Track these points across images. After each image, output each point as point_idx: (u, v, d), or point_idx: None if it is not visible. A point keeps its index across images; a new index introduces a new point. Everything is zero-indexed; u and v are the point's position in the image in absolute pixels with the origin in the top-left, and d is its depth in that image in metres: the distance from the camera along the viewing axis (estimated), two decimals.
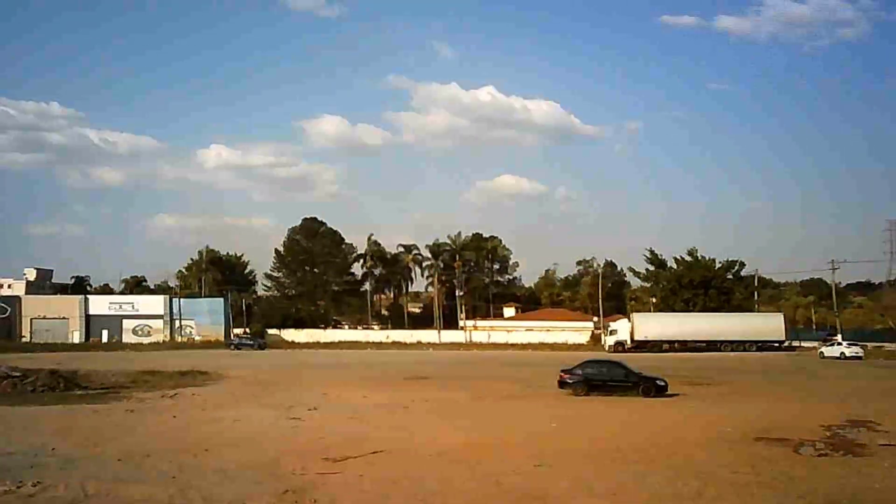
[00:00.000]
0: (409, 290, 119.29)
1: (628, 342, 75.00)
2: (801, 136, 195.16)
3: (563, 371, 30.41)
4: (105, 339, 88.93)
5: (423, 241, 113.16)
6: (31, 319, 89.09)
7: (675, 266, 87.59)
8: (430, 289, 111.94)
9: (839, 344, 62.14)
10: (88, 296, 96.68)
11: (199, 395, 30.11)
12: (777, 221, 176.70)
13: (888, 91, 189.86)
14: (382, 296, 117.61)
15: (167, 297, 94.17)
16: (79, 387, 32.48)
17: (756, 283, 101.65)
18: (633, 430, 20.63)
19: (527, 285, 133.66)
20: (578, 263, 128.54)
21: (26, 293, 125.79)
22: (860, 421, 22.05)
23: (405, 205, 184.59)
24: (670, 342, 74.70)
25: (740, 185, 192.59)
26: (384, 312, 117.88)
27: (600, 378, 29.66)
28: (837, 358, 59.36)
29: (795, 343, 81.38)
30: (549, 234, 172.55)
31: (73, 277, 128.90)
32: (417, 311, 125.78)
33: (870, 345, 72.33)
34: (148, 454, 16.29)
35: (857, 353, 59.71)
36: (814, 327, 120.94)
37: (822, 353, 62.21)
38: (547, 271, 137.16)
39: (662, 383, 29.54)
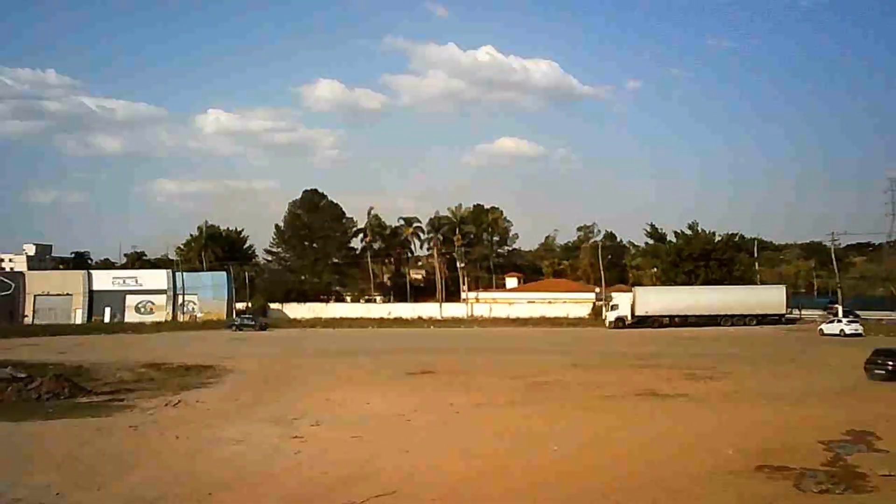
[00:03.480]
0: (411, 259, 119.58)
1: (629, 317, 75.25)
2: (798, 94, 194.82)
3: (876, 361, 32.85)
4: (108, 317, 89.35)
5: (426, 203, 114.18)
6: (35, 296, 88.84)
7: (674, 240, 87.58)
8: (431, 260, 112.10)
9: (839, 321, 62.29)
10: (91, 271, 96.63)
11: (202, 401, 30.23)
12: (776, 180, 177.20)
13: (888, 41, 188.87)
14: (384, 267, 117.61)
15: (170, 271, 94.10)
16: (83, 391, 32.56)
17: (756, 253, 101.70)
18: (637, 452, 20.62)
19: (526, 249, 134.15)
20: (579, 229, 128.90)
21: (28, 266, 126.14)
22: (860, 432, 22.17)
23: (406, 168, 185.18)
24: (671, 317, 74.95)
25: (738, 144, 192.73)
26: (387, 282, 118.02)
27: None
28: (837, 335, 59.60)
29: (796, 312, 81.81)
30: (550, 197, 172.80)
31: (73, 253, 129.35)
32: (419, 277, 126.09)
33: (870, 316, 72.76)
34: (152, 501, 16.41)
35: (856, 329, 59.94)
36: (815, 293, 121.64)
37: (821, 329, 62.41)
38: (547, 237, 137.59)
39: None
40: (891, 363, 31.83)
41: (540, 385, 32.99)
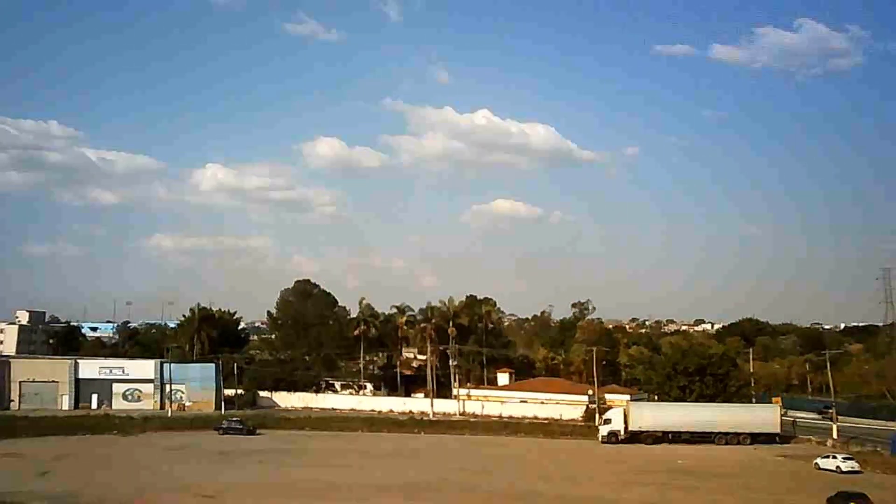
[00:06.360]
0: (404, 349, 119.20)
1: (622, 433, 74.45)
2: (792, 161, 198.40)
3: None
4: (94, 404, 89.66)
5: (425, 264, 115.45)
6: (20, 383, 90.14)
7: (668, 352, 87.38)
8: (422, 353, 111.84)
9: (834, 457, 61.36)
10: (78, 360, 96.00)
11: None
12: (775, 247, 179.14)
13: (879, 119, 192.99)
14: (376, 358, 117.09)
15: (158, 361, 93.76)
16: None
17: (752, 347, 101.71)
18: None
19: (522, 317, 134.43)
20: (573, 306, 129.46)
21: (18, 337, 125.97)
22: None
23: (402, 227, 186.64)
24: (665, 433, 74.21)
25: (731, 215, 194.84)
26: (377, 370, 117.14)
27: None
28: (833, 471, 58.69)
29: (791, 414, 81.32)
30: (546, 262, 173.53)
31: (64, 325, 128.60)
32: (411, 356, 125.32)
33: (866, 425, 72.22)
34: None
35: (853, 467, 58.87)
36: (810, 389, 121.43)
37: (817, 464, 61.37)
38: (542, 312, 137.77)
39: None
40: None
41: None
